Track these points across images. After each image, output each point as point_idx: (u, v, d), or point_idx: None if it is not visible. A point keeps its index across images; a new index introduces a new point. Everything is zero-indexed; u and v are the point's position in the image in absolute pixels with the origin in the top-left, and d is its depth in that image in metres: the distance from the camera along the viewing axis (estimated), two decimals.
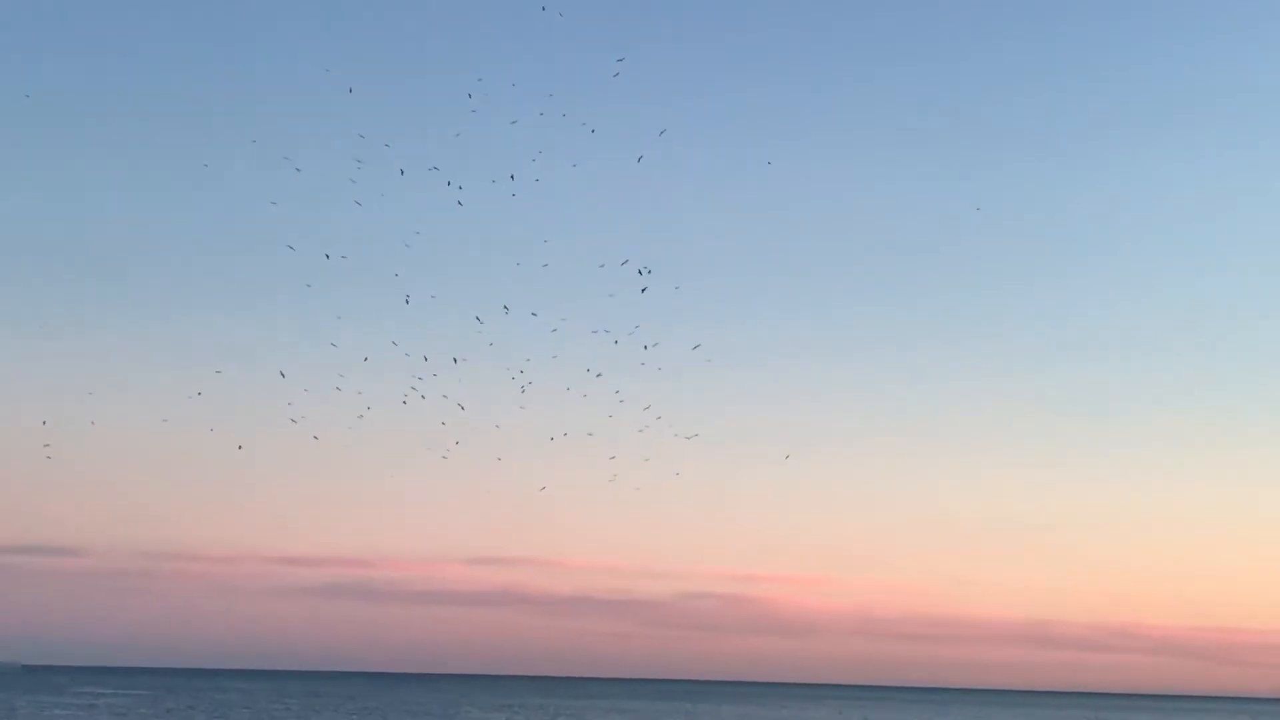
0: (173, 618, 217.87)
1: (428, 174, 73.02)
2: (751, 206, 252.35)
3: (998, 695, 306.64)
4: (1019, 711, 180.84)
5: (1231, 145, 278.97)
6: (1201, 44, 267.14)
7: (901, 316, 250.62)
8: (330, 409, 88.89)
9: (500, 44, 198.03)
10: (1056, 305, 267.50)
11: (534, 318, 79.59)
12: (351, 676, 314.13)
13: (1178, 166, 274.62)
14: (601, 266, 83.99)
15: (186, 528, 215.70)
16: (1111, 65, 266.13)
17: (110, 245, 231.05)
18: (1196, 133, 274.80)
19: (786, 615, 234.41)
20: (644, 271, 70.92)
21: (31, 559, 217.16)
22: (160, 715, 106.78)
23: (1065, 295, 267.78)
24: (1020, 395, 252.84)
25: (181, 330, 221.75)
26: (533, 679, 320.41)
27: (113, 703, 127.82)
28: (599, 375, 80.00)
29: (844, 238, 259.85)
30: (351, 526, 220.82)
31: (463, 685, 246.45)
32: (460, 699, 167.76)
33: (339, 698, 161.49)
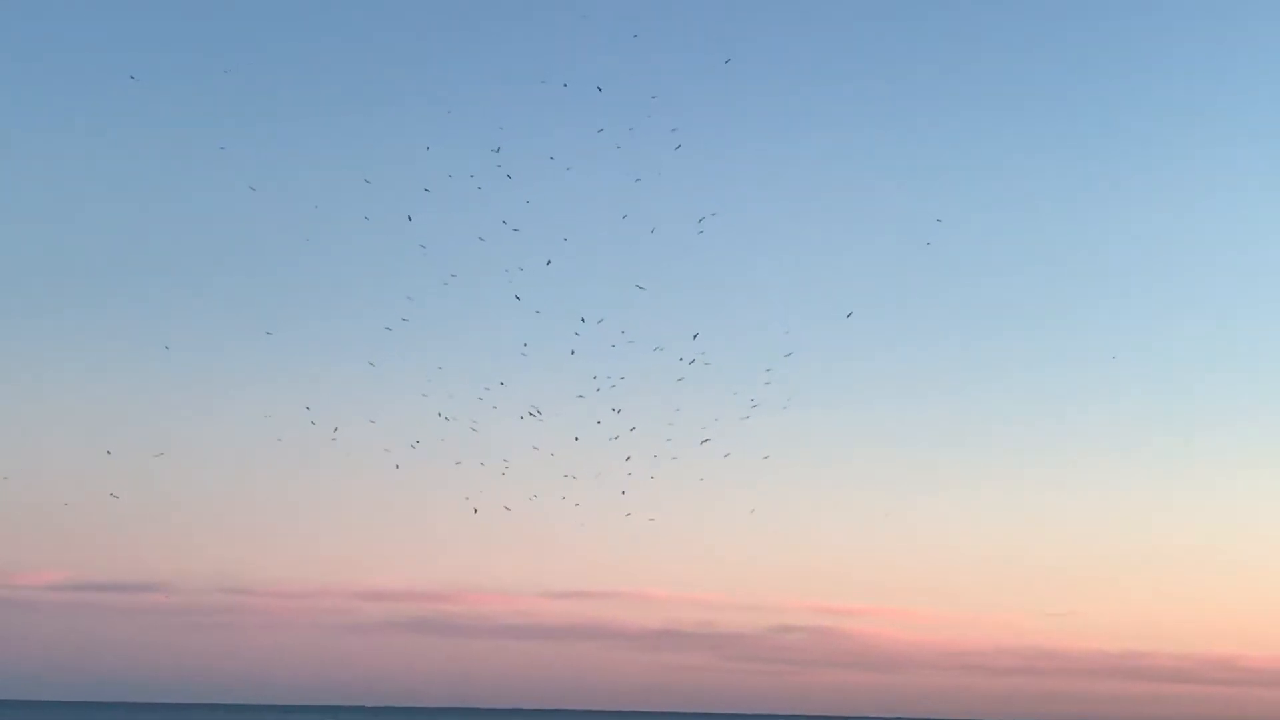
0: (254, 653, 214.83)
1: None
2: (829, 237, 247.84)
3: None
4: None
5: None
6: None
7: (989, 347, 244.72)
8: (415, 440, 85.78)
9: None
10: (1147, 330, 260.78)
11: (622, 336, 76.70)
12: (433, 712, 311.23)
13: None
14: None
15: (268, 563, 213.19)
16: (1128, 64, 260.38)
17: (188, 272, 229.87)
18: None
19: (876, 649, 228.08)
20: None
21: (113, 596, 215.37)
22: None
23: (1160, 320, 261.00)
24: (1112, 425, 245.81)
25: (265, 364, 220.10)
26: (617, 713, 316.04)
27: None
28: (677, 410, 77.19)
29: (925, 271, 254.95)
30: (434, 560, 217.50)
31: None
32: None
33: None
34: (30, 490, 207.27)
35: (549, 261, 78.39)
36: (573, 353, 73.64)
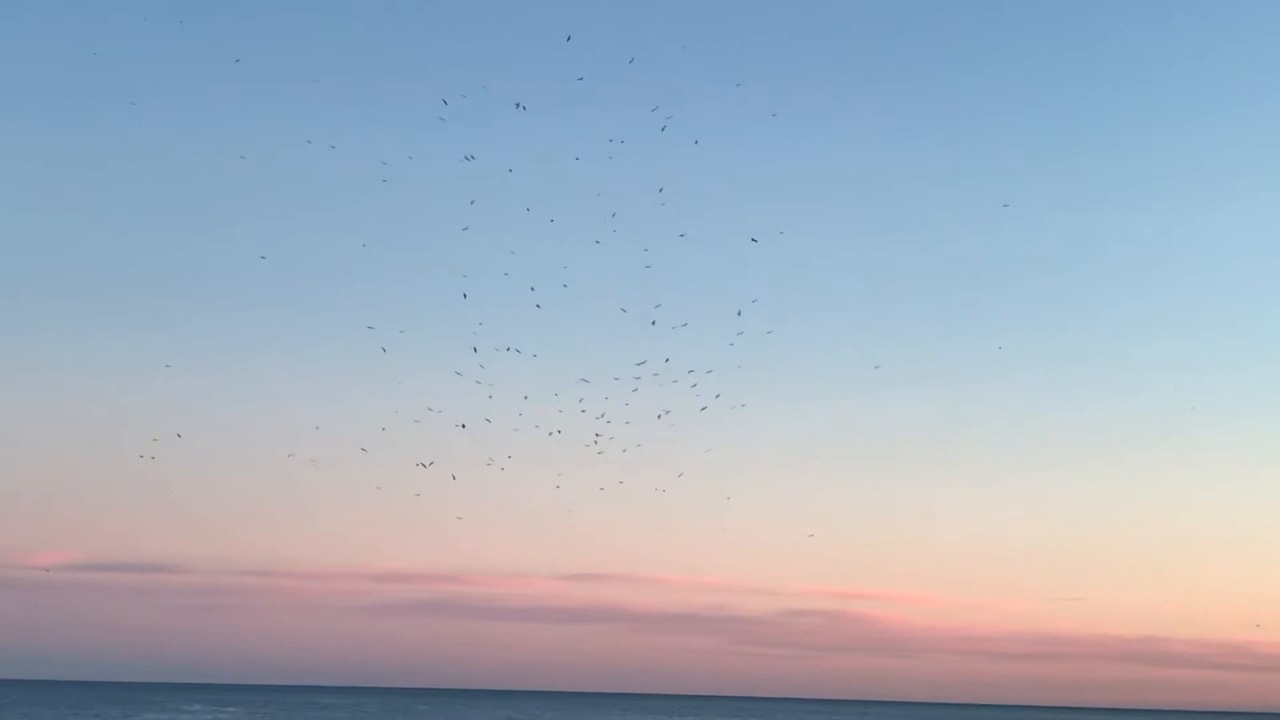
0: (268, 634, 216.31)
1: None
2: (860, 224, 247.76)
3: (1106, 714, 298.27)
4: None
5: None
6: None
7: (1004, 338, 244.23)
8: (428, 425, 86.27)
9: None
10: (1164, 320, 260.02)
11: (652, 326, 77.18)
12: (445, 693, 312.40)
13: None
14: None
15: (282, 544, 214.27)
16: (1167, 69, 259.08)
17: (221, 264, 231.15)
18: None
19: (889, 633, 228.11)
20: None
21: (128, 576, 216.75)
22: None
23: (1178, 311, 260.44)
24: (1127, 409, 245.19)
25: (283, 351, 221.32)
26: (630, 696, 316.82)
27: None
28: (717, 396, 77.39)
29: (943, 261, 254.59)
30: (446, 542, 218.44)
31: (558, 702, 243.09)
32: (556, 716, 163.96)
33: (433, 714, 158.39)
34: (44, 471, 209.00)
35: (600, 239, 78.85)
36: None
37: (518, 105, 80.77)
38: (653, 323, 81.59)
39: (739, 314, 72.55)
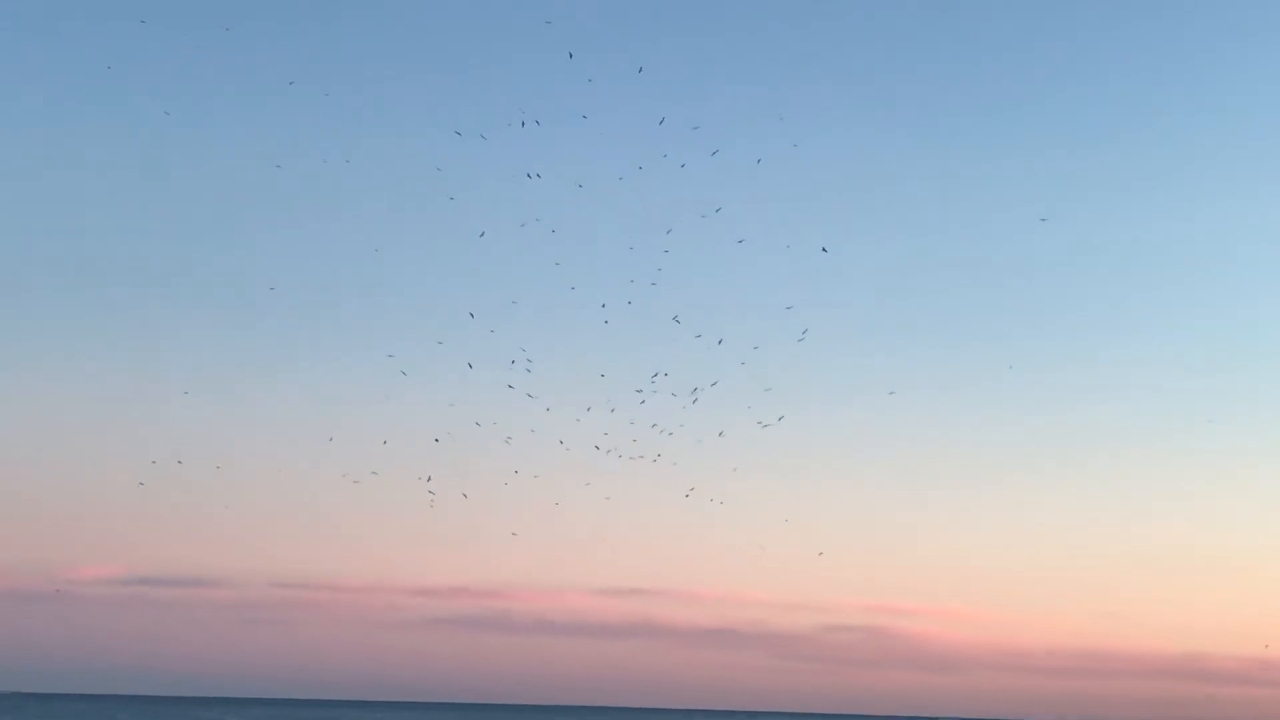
0: (308, 649, 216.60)
1: None
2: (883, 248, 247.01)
3: None
4: None
5: None
6: None
7: (1041, 348, 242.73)
8: (464, 439, 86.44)
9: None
10: (1208, 327, 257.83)
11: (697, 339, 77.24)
12: (485, 708, 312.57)
13: None
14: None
15: (322, 559, 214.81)
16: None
17: (255, 276, 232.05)
18: None
19: (930, 648, 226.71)
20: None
21: (168, 590, 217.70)
22: None
23: (1220, 316, 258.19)
24: (1168, 426, 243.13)
25: (317, 366, 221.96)
26: (670, 711, 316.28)
27: None
28: (749, 408, 77.36)
29: (968, 268, 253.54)
30: (486, 557, 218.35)
31: (595, 717, 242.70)
32: None
33: None
34: (87, 486, 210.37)
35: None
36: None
37: (529, 175, 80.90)
38: (697, 336, 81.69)
39: (802, 336, 72.27)
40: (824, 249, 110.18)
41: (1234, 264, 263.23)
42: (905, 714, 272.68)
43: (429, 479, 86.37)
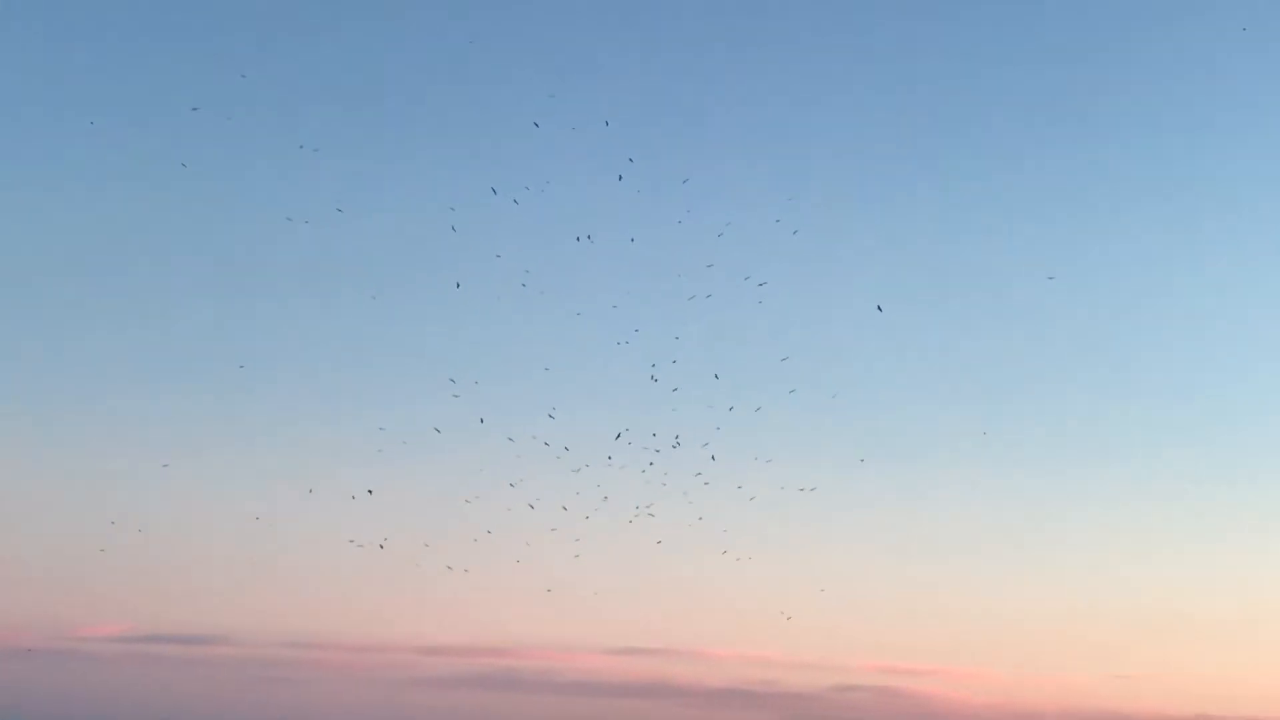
0: (314, 707, 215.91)
1: None
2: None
3: None
4: None
5: None
6: None
7: (1057, 403, 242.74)
8: (474, 497, 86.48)
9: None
10: (1222, 392, 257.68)
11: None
12: None
13: None
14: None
15: (329, 616, 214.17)
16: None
17: (272, 329, 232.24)
18: None
19: (941, 709, 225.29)
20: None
21: (173, 648, 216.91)
22: None
23: (1240, 372, 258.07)
24: (1181, 482, 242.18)
25: (332, 423, 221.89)
26: None
27: None
28: (768, 461, 77.35)
29: (997, 326, 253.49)
30: (493, 615, 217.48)
31: None
32: None
33: None
34: (92, 542, 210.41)
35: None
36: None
37: (579, 238, 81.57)
38: (673, 390, 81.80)
39: (834, 397, 73.11)
40: (879, 307, 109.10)
41: (1244, 325, 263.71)
42: None
43: (431, 548, 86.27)
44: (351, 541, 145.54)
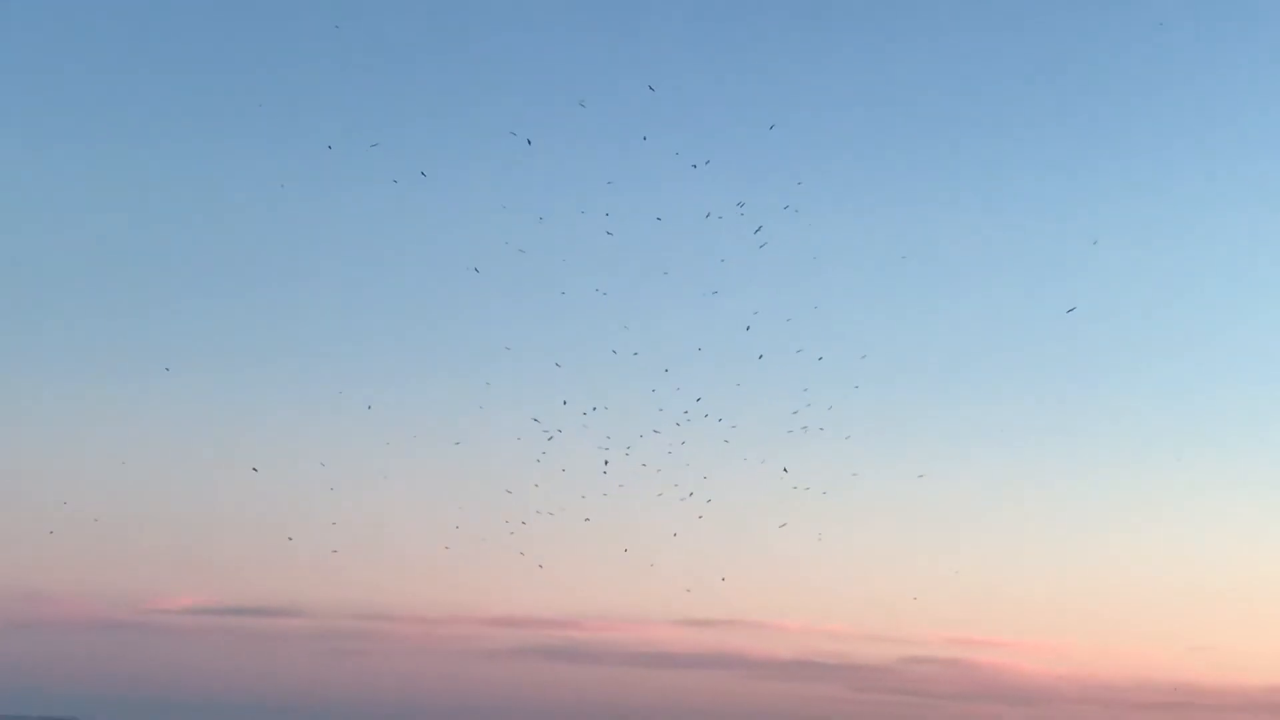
0: (386, 679, 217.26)
1: None
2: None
3: None
4: None
5: None
6: None
7: (1127, 379, 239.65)
8: (541, 471, 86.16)
9: None
10: None
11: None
12: None
13: None
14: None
15: (401, 589, 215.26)
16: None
17: (329, 305, 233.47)
18: None
19: (1012, 681, 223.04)
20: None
21: (250, 620, 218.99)
22: None
23: None
24: (1255, 455, 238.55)
25: (407, 399, 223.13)
26: None
27: None
28: (820, 429, 76.46)
29: (1050, 303, 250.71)
30: (563, 587, 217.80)
31: None
32: None
33: None
34: (168, 514, 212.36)
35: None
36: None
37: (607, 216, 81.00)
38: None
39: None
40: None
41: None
42: None
43: (521, 524, 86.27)
44: (427, 516, 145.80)
